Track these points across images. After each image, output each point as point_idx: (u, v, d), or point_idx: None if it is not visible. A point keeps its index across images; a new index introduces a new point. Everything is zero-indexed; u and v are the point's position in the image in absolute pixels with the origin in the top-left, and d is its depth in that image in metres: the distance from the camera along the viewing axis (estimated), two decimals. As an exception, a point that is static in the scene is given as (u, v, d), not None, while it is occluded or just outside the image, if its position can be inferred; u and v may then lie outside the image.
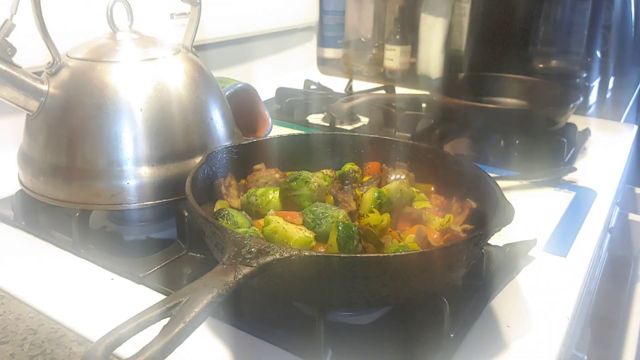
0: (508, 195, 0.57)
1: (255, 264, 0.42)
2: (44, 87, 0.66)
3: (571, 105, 0.98)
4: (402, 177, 0.68)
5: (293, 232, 0.55)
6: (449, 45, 1.54)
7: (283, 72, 1.50)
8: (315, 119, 1.22)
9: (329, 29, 1.72)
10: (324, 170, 0.72)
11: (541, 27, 1.47)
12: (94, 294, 0.59)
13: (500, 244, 0.67)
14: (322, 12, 1.68)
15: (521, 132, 0.99)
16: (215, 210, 0.62)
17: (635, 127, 1.19)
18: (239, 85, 0.93)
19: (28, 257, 0.66)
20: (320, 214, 0.58)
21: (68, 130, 0.65)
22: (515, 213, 0.52)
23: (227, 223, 0.58)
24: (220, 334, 0.53)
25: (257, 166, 0.70)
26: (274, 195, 0.64)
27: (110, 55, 0.68)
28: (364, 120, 1.21)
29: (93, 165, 0.64)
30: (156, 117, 0.66)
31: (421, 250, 0.54)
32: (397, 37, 1.59)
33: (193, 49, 0.78)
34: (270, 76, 1.43)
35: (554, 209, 0.81)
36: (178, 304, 0.38)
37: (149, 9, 1.03)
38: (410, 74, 1.61)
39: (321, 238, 0.57)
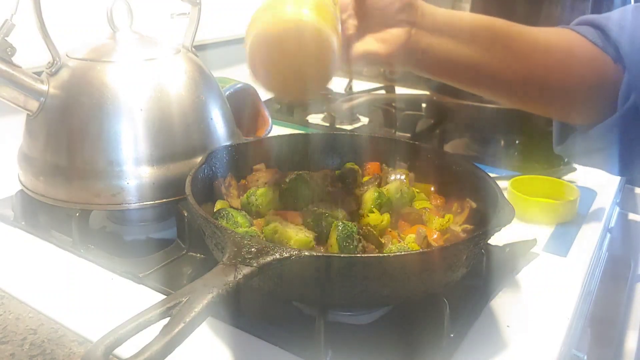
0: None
1: (255, 264, 0.42)
2: (44, 87, 0.66)
3: (571, 105, 0.98)
4: (402, 177, 0.68)
5: (293, 232, 0.55)
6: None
7: (283, 72, 1.49)
8: (315, 119, 1.22)
9: (329, 28, 1.71)
10: (324, 170, 0.72)
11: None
12: (94, 294, 0.59)
13: (500, 244, 0.67)
14: (322, 12, 1.67)
15: (521, 132, 0.99)
16: (215, 210, 0.62)
17: (635, 127, 1.18)
18: (239, 85, 0.93)
19: (28, 257, 0.66)
20: (320, 214, 0.58)
21: (68, 130, 0.65)
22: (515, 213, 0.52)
23: (227, 223, 0.57)
24: (220, 334, 0.53)
25: (257, 166, 0.70)
26: (274, 195, 0.64)
27: (110, 55, 0.68)
28: (364, 120, 1.21)
29: (93, 165, 0.64)
30: (156, 117, 0.66)
31: (421, 250, 0.54)
32: (397, 37, 1.58)
33: (193, 49, 0.78)
34: (270, 76, 1.42)
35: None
36: (178, 304, 0.38)
37: (149, 9, 1.03)
38: (410, 74, 1.60)
39: (321, 238, 0.57)
